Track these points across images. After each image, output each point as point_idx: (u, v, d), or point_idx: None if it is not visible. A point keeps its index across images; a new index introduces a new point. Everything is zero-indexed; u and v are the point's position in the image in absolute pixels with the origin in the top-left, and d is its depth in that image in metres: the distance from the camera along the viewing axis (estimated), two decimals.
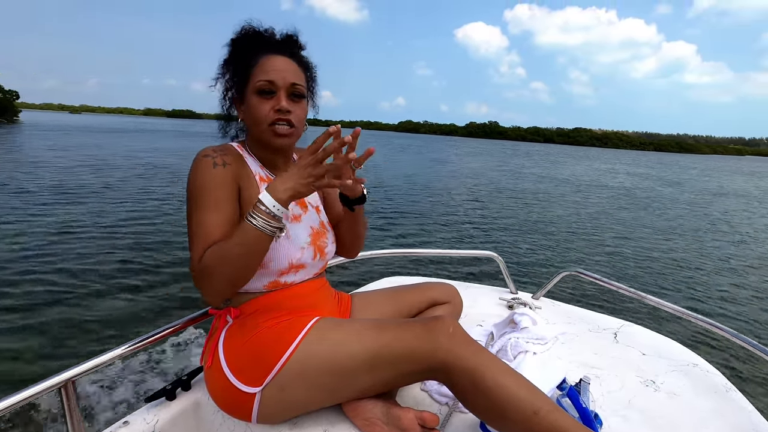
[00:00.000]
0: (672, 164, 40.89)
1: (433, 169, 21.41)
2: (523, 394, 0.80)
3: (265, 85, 0.95)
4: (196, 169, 0.93)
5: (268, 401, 0.90)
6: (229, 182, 0.93)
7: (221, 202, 0.91)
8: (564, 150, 77.43)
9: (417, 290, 1.26)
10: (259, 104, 0.95)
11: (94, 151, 20.21)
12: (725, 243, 8.50)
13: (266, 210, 0.83)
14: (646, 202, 12.98)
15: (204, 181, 0.91)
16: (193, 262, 0.87)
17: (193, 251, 0.88)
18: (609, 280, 1.62)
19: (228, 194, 0.92)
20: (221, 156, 0.95)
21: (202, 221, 0.88)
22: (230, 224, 0.90)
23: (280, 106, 0.94)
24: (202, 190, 0.91)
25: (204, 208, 0.89)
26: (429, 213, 9.73)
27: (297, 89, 0.97)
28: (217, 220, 0.89)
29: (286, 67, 0.97)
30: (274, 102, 0.95)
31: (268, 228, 0.84)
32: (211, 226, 0.88)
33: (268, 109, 0.95)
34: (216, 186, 0.91)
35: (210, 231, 0.88)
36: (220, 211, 0.90)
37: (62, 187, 9.90)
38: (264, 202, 0.83)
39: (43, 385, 0.85)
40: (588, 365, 1.31)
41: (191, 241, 0.89)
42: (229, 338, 0.96)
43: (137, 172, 13.42)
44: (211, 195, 0.90)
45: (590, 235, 8.38)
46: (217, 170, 0.92)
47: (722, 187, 19.25)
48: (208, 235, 0.87)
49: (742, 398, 1.17)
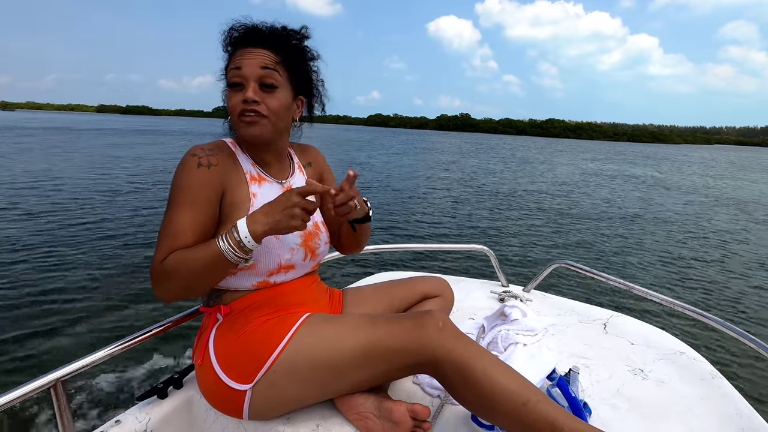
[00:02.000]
0: (666, 157, 40.02)
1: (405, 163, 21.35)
2: (513, 385, 0.81)
3: (234, 76, 0.94)
4: (181, 167, 0.92)
5: (259, 398, 0.90)
6: (212, 184, 0.92)
7: (197, 204, 0.90)
8: (536, 143, 74.92)
9: (408, 284, 1.27)
10: (231, 97, 0.95)
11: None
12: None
13: (237, 238, 0.83)
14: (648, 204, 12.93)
15: (185, 181, 0.91)
16: (155, 260, 0.86)
17: (158, 248, 0.87)
18: (598, 272, 1.64)
19: (206, 196, 0.91)
20: (208, 156, 0.93)
21: (174, 219, 0.88)
22: (202, 227, 0.90)
23: (246, 96, 0.92)
24: (180, 188, 0.90)
25: (179, 206, 0.89)
26: (419, 208, 9.75)
27: (267, 80, 0.94)
28: (189, 221, 0.88)
29: (259, 58, 0.94)
30: (242, 94, 0.94)
31: (232, 255, 0.84)
32: (182, 225, 0.87)
33: (237, 101, 0.94)
34: (195, 186, 0.90)
35: (179, 231, 0.87)
36: (195, 213, 0.89)
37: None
38: (238, 230, 0.83)
39: (32, 385, 0.84)
40: (578, 355, 1.32)
41: (159, 237, 0.89)
42: (219, 336, 0.96)
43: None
44: (188, 195, 0.89)
45: (582, 228, 8.46)
46: (200, 171, 0.91)
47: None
48: (176, 235, 0.87)
49: (727, 385, 1.20)
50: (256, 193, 0.99)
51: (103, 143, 24.42)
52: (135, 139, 26.12)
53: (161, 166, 14.88)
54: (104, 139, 28.01)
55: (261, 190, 1.00)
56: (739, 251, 7.29)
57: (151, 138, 31.87)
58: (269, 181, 1.03)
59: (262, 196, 0.99)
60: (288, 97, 0.99)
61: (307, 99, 1.07)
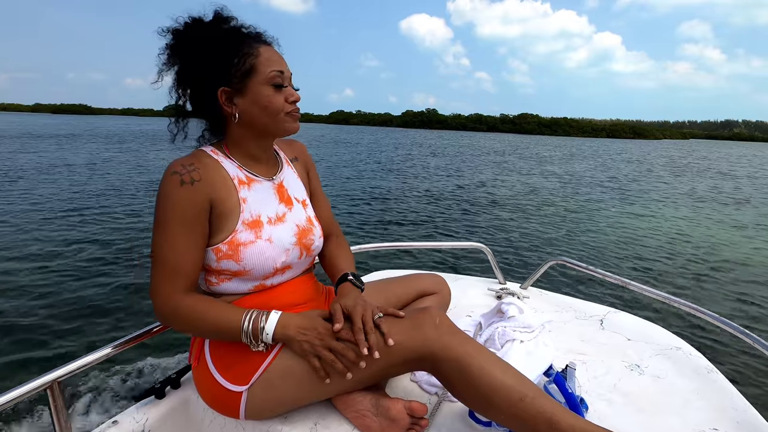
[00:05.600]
0: (680, 160, 32.34)
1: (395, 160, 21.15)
2: (509, 381, 0.82)
3: (278, 76, 0.94)
4: (163, 188, 0.89)
5: (255, 399, 0.90)
6: (198, 201, 0.89)
7: (187, 224, 0.88)
8: (509, 141, 62.92)
9: (405, 282, 1.27)
10: (274, 95, 0.94)
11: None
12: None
13: (260, 326, 0.87)
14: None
15: (170, 201, 0.88)
16: (160, 292, 0.88)
17: (156, 277, 0.88)
18: (595, 268, 1.65)
19: (195, 215, 0.89)
20: (189, 173, 0.90)
21: (169, 245, 0.87)
22: (196, 249, 0.90)
23: (294, 97, 0.97)
24: (166, 210, 0.88)
25: (169, 229, 0.88)
26: (412, 207, 9.75)
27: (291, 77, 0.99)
28: (184, 245, 0.88)
29: (283, 58, 0.98)
30: (287, 93, 0.96)
31: (247, 338, 0.88)
32: (179, 254, 0.88)
33: (283, 100, 0.95)
34: (182, 206, 0.88)
35: (179, 262, 0.88)
36: (187, 235, 0.88)
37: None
38: (266, 323, 0.88)
39: (29, 386, 0.83)
40: (574, 351, 1.33)
41: (154, 264, 0.88)
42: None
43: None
44: (177, 216, 0.88)
45: (578, 224, 8.48)
46: (184, 188, 0.88)
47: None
48: (177, 267, 0.88)
49: (723, 379, 1.21)
50: (246, 197, 0.97)
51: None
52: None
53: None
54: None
55: (251, 192, 0.98)
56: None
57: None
58: (258, 181, 1.01)
59: (252, 199, 0.98)
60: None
61: None
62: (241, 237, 0.93)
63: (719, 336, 3.78)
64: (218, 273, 0.95)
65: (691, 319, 4.06)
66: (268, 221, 0.98)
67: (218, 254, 0.92)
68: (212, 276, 0.96)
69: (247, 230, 0.94)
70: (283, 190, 1.06)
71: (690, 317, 4.03)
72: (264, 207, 0.99)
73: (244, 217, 0.95)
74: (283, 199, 1.04)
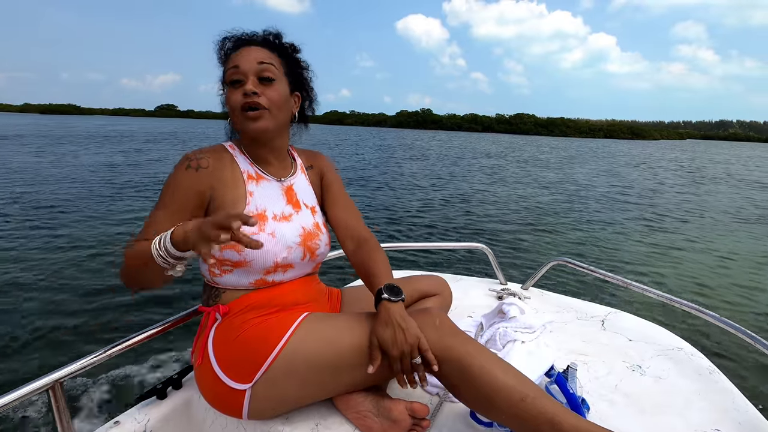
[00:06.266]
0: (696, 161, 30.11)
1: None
2: (511, 381, 0.82)
3: (233, 72, 0.95)
4: (174, 169, 0.96)
5: (258, 397, 0.90)
6: (197, 186, 0.94)
7: (177, 204, 0.93)
8: (508, 143, 55.22)
9: (406, 283, 1.26)
10: (231, 94, 0.96)
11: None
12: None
13: (163, 236, 0.79)
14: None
15: (170, 181, 0.95)
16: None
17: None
18: (596, 269, 1.65)
19: (188, 198, 0.93)
20: (198, 159, 0.96)
21: (153, 216, 0.92)
22: (171, 226, 0.87)
23: (245, 89, 0.94)
24: (166, 188, 0.94)
25: (160, 204, 0.93)
26: (412, 207, 9.75)
27: (264, 73, 0.96)
28: (161, 219, 0.90)
29: (255, 53, 0.97)
30: (242, 88, 0.95)
31: (156, 251, 0.79)
32: (157, 223, 0.90)
33: (237, 96, 0.95)
34: (179, 188, 0.93)
35: (148, 226, 0.90)
36: (173, 213, 0.92)
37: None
38: (168, 232, 0.79)
39: (30, 387, 0.84)
40: (576, 352, 1.33)
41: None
42: (218, 336, 0.96)
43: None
44: (169, 195, 0.93)
45: (581, 225, 8.47)
46: (188, 173, 0.94)
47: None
48: (145, 230, 0.90)
49: (725, 380, 1.21)
50: (253, 191, 1.01)
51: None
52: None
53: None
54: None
55: (258, 188, 1.02)
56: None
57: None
58: (267, 179, 1.05)
59: (259, 194, 1.01)
60: (286, 89, 1.01)
61: (302, 96, 1.10)
62: (244, 228, 0.93)
63: (721, 336, 3.77)
64: (221, 263, 0.97)
65: (693, 320, 4.05)
66: (273, 217, 1.00)
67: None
68: (215, 267, 0.98)
69: None
70: (291, 193, 1.08)
71: (692, 318, 4.01)
72: (270, 203, 1.02)
73: (249, 209, 0.98)
74: (290, 201, 1.06)
